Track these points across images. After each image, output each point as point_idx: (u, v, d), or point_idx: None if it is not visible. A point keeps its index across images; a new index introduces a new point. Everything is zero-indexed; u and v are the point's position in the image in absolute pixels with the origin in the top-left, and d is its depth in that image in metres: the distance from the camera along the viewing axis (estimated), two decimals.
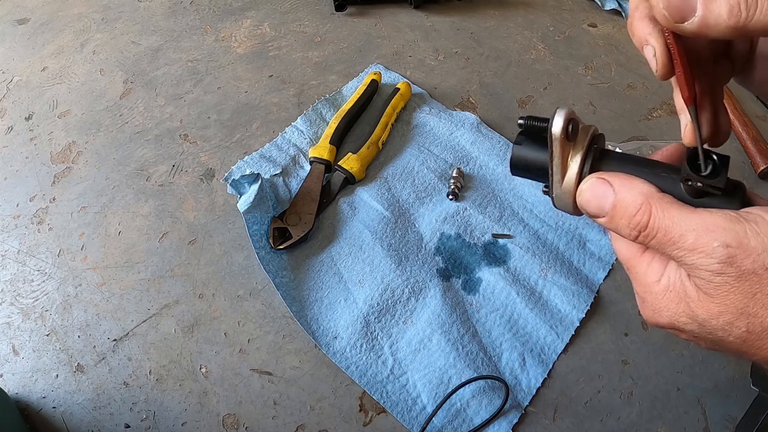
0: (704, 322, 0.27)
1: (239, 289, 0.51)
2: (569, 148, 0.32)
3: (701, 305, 0.27)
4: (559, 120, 0.30)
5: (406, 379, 0.46)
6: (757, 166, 0.58)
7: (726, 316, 0.26)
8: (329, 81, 0.69)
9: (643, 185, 0.29)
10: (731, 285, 0.26)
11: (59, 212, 0.57)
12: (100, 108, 0.67)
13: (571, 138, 0.31)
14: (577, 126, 0.32)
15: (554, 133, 0.31)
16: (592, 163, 0.32)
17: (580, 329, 0.48)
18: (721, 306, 0.26)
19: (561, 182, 0.33)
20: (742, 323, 0.26)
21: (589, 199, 0.31)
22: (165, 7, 0.79)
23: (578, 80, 0.69)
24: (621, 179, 0.30)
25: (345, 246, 0.53)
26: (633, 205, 0.29)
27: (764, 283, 0.25)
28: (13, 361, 0.48)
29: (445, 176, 0.58)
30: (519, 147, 0.35)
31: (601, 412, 0.45)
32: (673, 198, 0.28)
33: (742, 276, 0.25)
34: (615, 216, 0.30)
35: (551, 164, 0.32)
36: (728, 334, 0.27)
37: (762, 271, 0.25)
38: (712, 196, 0.28)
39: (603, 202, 0.30)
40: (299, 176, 0.59)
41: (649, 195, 0.28)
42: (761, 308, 0.25)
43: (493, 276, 0.51)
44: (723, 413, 0.44)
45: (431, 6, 0.78)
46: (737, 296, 0.26)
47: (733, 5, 0.24)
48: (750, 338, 0.26)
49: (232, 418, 0.45)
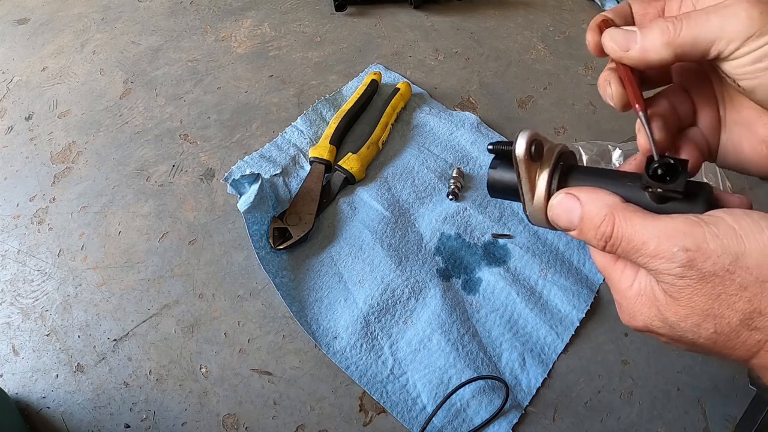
0: (674, 324, 0.28)
1: (239, 289, 0.51)
2: (536, 168, 0.33)
3: (669, 308, 0.28)
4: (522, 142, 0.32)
5: (406, 379, 0.46)
6: None
7: (693, 318, 0.27)
8: (329, 81, 0.69)
9: (607, 197, 0.30)
10: (694, 288, 0.26)
11: (59, 212, 0.57)
12: (100, 108, 0.67)
13: (536, 158, 0.33)
14: (541, 146, 0.33)
15: (518, 155, 0.32)
16: (560, 179, 0.33)
17: (580, 329, 0.48)
18: (687, 309, 0.27)
19: (532, 200, 0.34)
20: (709, 324, 0.27)
21: (559, 213, 0.32)
22: (165, 7, 0.79)
23: (578, 80, 0.69)
24: (587, 192, 0.31)
25: (345, 246, 0.53)
26: (598, 216, 0.30)
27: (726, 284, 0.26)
28: (13, 361, 0.48)
29: (445, 176, 0.58)
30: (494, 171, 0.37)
31: (601, 412, 0.45)
32: (636, 207, 0.29)
33: (703, 278, 0.26)
34: (583, 228, 0.31)
35: (520, 184, 0.34)
36: (698, 336, 0.27)
37: (723, 273, 0.25)
38: (676, 201, 0.29)
39: (572, 215, 0.31)
40: (299, 176, 0.59)
41: (613, 206, 0.30)
42: (726, 309, 0.26)
43: (493, 276, 0.51)
44: (723, 413, 0.44)
45: (431, 6, 0.78)
46: (701, 298, 0.26)
47: (662, 27, 0.29)
48: (719, 339, 0.27)
49: (232, 418, 0.45)
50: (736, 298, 0.26)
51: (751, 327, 0.26)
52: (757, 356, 0.26)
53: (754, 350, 0.26)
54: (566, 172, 0.34)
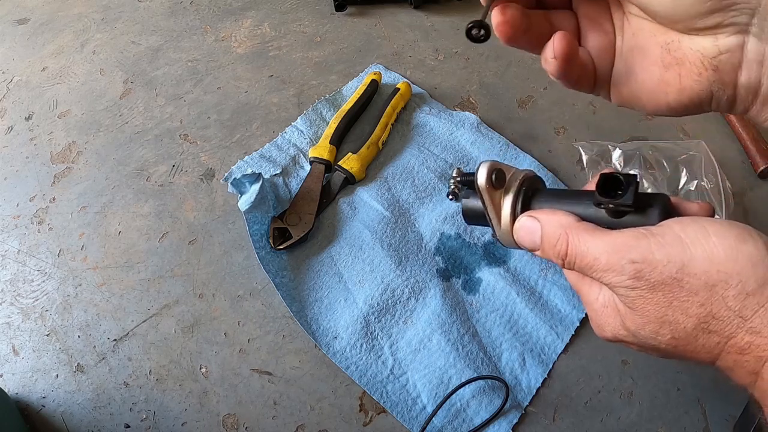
0: (635, 332, 0.29)
1: (239, 289, 0.51)
2: (499, 195, 0.36)
3: (628, 318, 0.29)
4: (483, 172, 0.34)
5: (406, 379, 0.46)
6: (757, 165, 0.58)
7: (650, 326, 0.28)
8: (329, 81, 0.69)
9: (563, 217, 0.32)
10: (646, 297, 0.27)
11: (59, 212, 0.57)
12: (100, 108, 0.67)
13: (497, 186, 0.35)
14: (502, 174, 0.35)
15: (480, 185, 0.35)
16: (523, 203, 0.35)
17: (580, 329, 0.48)
18: (643, 317, 0.28)
19: (499, 225, 0.36)
20: (666, 330, 0.27)
21: (523, 235, 0.34)
22: (165, 7, 0.79)
23: None
24: (545, 214, 0.33)
25: (345, 246, 0.53)
26: (554, 236, 0.32)
27: (676, 291, 0.26)
28: (13, 361, 0.48)
29: (445, 176, 0.58)
30: (467, 200, 0.40)
31: (601, 412, 0.45)
32: (588, 225, 0.31)
33: (653, 287, 0.27)
34: (544, 248, 0.33)
35: (486, 211, 0.36)
36: (658, 342, 0.28)
37: (671, 281, 0.26)
38: (631, 214, 0.31)
39: (534, 236, 0.33)
40: (299, 176, 0.59)
41: (567, 225, 0.31)
42: (680, 314, 0.27)
43: (493, 276, 0.51)
44: (723, 413, 0.44)
45: (431, 6, 0.78)
46: (654, 306, 0.27)
47: None
48: (679, 344, 0.28)
49: (232, 418, 0.45)
50: (688, 304, 0.26)
51: (707, 330, 0.26)
52: (720, 358, 0.27)
53: (715, 352, 0.27)
54: (529, 196, 0.36)
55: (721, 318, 0.25)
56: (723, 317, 0.25)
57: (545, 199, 0.35)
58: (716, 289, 0.25)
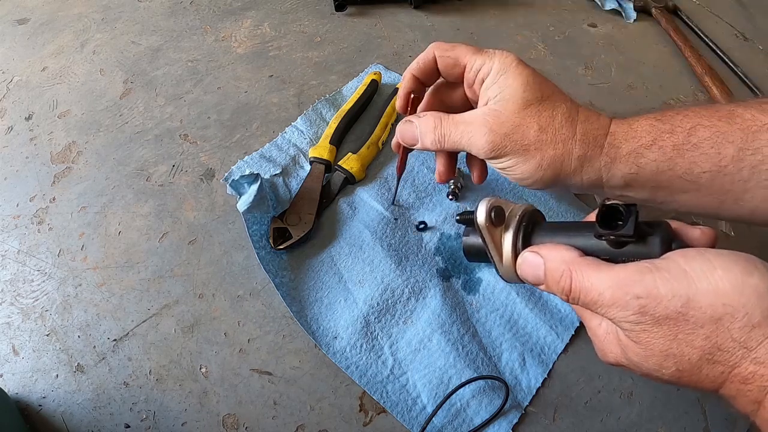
0: (638, 364, 0.30)
1: (239, 289, 0.51)
2: (499, 232, 0.36)
3: (631, 350, 0.29)
4: (482, 211, 0.34)
5: (406, 379, 0.46)
6: None
7: (654, 359, 0.28)
8: (329, 81, 0.69)
9: (565, 252, 0.32)
10: (651, 332, 0.28)
11: (59, 212, 0.57)
12: (100, 108, 0.67)
13: (497, 223, 0.35)
14: (501, 211, 0.36)
15: (480, 224, 0.35)
16: (524, 238, 0.36)
17: (580, 329, 0.48)
18: (647, 351, 0.28)
19: (501, 261, 0.36)
20: (670, 363, 0.28)
21: (526, 270, 0.35)
22: (165, 7, 0.80)
23: (578, 80, 0.69)
24: (548, 249, 0.33)
25: (345, 246, 0.53)
26: (557, 271, 0.32)
27: (681, 325, 0.27)
28: (13, 361, 0.48)
29: None
30: (467, 238, 0.41)
31: (601, 412, 0.45)
32: (592, 260, 0.31)
33: (658, 322, 0.27)
34: (548, 283, 0.33)
35: (487, 248, 0.36)
36: (661, 375, 0.29)
37: (675, 315, 0.27)
38: (632, 244, 0.31)
39: (537, 271, 0.34)
40: (299, 176, 0.59)
41: (570, 261, 0.32)
42: (686, 347, 0.27)
43: (493, 276, 0.51)
44: (723, 413, 0.44)
45: (431, 6, 0.78)
46: (659, 341, 0.28)
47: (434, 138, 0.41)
48: (683, 375, 0.28)
49: (232, 418, 0.45)
50: (693, 337, 0.26)
51: (712, 361, 0.26)
52: (723, 387, 0.27)
53: (719, 381, 0.27)
54: (530, 231, 0.36)
55: (726, 349, 0.26)
56: (728, 348, 0.26)
57: (546, 233, 0.36)
58: (722, 322, 0.25)
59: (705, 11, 0.80)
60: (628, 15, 0.78)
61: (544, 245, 0.34)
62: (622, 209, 0.30)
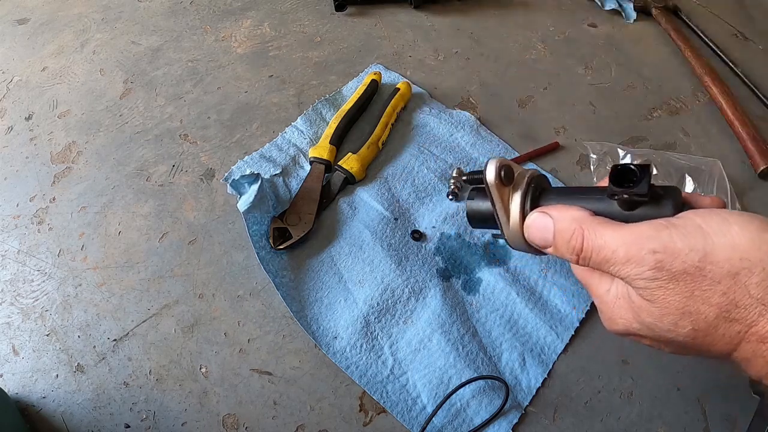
0: (651, 325, 0.29)
1: (239, 289, 0.51)
2: (507, 192, 0.35)
3: (645, 310, 0.28)
4: (492, 168, 0.33)
5: (406, 379, 0.46)
6: (757, 165, 0.58)
7: (669, 318, 0.27)
8: (329, 81, 0.69)
9: (576, 212, 0.31)
10: (667, 288, 0.27)
11: (59, 212, 0.57)
12: (100, 108, 0.67)
13: (506, 182, 0.34)
14: (511, 171, 0.34)
15: (489, 181, 0.34)
16: (532, 201, 0.34)
17: (580, 329, 0.48)
18: (662, 309, 0.27)
19: (508, 223, 0.35)
20: (686, 322, 0.27)
21: (534, 232, 0.33)
22: (165, 7, 0.79)
23: (578, 80, 0.69)
24: (557, 209, 0.32)
25: (345, 246, 0.53)
26: (568, 230, 0.31)
27: (698, 281, 0.26)
28: (13, 361, 0.48)
29: (445, 176, 0.58)
30: (471, 201, 0.39)
31: (601, 412, 0.45)
32: (604, 219, 0.30)
33: (675, 277, 0.26)
34: (557, 244, 0.32)
35: (495, 209, 0.35)
36: (676, 335, 0.28)
37: (693, 270, 0.26)
38: (644, 205, 0.30)
39: (546, 233, 0.33)
40: (299, 176, 0.59)
41: (581, 219, 0.31)
42: (702, 304, 0.26)
43: (493, 276, 0.51)
44: (723, 413, 0.44)
45: (431, 6, 0.78)
46: (675, 297, 0.27)
47: None
48: (698, 335, 0.27)
49: (232, 418, 0.45)
50: (710, 293, 0.26)
51: (729, 319, 0.26)
52: (738, 348, 0.26)
53: (734, 342, 0.26)
54: (538, 193, 0.35)
55: (743, 306, 0.25)
56: (745, 305, 0.25)
57: (554, 196, 0.35)
58: (739, 277, 0.25)
59: (705, 11, 0.80)
60: (628, 15, 0.78)
61: (553, 206, 0.33)
62: (636, 169, 0.30)
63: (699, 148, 0.62)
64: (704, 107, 0.66)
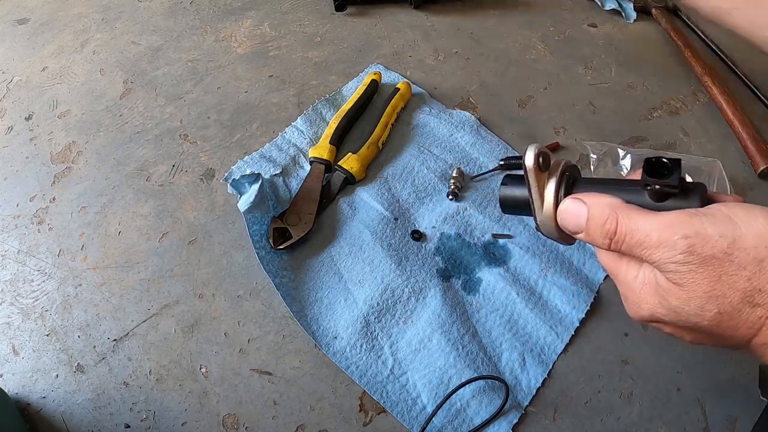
0: (677, 308, 0.30)
1: (239, 289, 0.51)
2: (543, 178, 0.36)
3: (673, 294, 0.30)
4: (531, 154, 0.34)
5: (406, 379, 0.46)
6: (757, 165, 0.58)
7: (696, 301, 0.29)
8: (329, 81, 0.69)
9: (609, 198, 0.33)
10: (696, 272, 0.28)
11: (59, 212, 0.57)
12: (100, 108, 0.67)
13: (544, 168, 0.35)
14: (548, 158, 0.35)
15: (528, 165, 0.35)
16: (566, 188, 0.36)
17: (580, 329, 0.48)
18: (690, 292, 0.29)
19: (541, 208, 0.36)
20: (712, 305, 0.28)
21: (567, 217, 0.35)
22: (165, 7, 0.80)
23: (578, 80, 0.69)
24: (591, 196, 0.34)
25: (345, 246, 0.53)
26: (602, 216, 0.32)
27: (726, 266, 0.28)
28: (13, 361, 0.48)
29: (445, 176, 0.58)
30: (505, 187, 0.39)
31: (601, 412, 0.45)
32: (637, 206, 0.32)
33: (704, 261, 0.28)
34: (590, 229, 0.33)
35: (530, 194, 0.36)
36: (702, 318, 0.29)
37: (721, 255, 0.28)
38: (673, 198, 0.32)
39: (579, 218, 0.34)
40: (299, 176, 0.59)
41: (615, 205, 0.32)
42: (728, 289, 0.28)
43: (493, 276, 0.51)
44: (723, 413, 0.44)
45: (431, 6, 0.78)
46: (704, 281, 0.28)
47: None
48: (723, 319, 0.29)
49: (232, 418, 0.45)
50: (736, 278, 0.27)
51: (753, 304, 0.27)
52: (760, 333, 0.28)
53: (756, 327, 0.28)
54: (571, 182, 0.36)
55: (766, 291, 0.27)
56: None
57: (587, 184, 0.36)
58: (764, 263, 0.27)
59: None
60: (628, 15, 0.78)
61: (586, 194, 0.35)
62: (668, 162, 0.31)
63: (699, 148, 0.62)
64: (704, 107, 0.66)
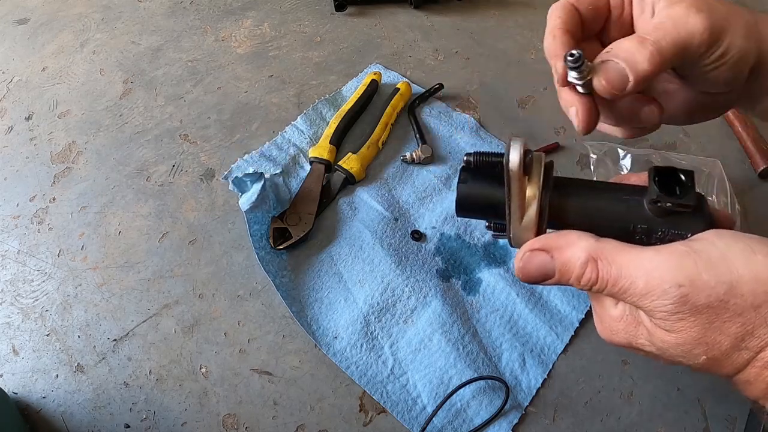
0: (662, 349, 0.28)
1: (239, 289, 0.51)
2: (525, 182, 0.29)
3: (658, 337, 0.28)
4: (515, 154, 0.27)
5: (406, 379, 0.46)
6: (757, 165, 0.58)
7: (685, 347, 0.27)
8: (329, 81, 0.69)
9: (581, 241, 0.29)
10: (688, 321, 0.26)
11: (59, 212, 0.57)
12: (100, 108, 0.67)
13: (528, 171, 0.29)
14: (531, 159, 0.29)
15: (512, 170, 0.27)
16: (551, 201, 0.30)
17: (580, 329, 0.48)
18: (678, 338, 0.27)
19: (519, 222, 0.30)
20: (700, 351, 0.26)
21: (530, 271, 0.30)
22: (165, 7, 0.79)
23: None
24: (557, 243, 0.29)
25: (345, 246, 0.53)
26: (578, 264, 0.29)
27: (720, 312, 0.25)
28: (13, 361, 0.48)
29: (445, 177, 0.58)
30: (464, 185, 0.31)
31: (601, 412, 0.45)
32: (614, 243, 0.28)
33: (697, 311, 0.26)
34: (562, 278, 0.30)
35: (508, 203, 0.29)
36: (687, 360, 0.27)
37: (717, 303, 0.25)
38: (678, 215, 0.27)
39: (545, 271, 0.30)
40: (299, 176, 0.59)
41: (591, 249, 0.28)
42: (718, 335, 0.26)
43: (493, 276, 0.51)
44: (723, 413, 0.44)
45: (431, 6, 0.78)
46: (695, 329, 0.26)
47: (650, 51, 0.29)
48: (710, 363, 0.27)
49: (232, 418, 0.45)
50: (729, 324, 0.25)
51: (741, 348, 0.26)
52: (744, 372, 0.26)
53: (741, 367, 0.26)
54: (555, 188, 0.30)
55: (757, 335, 0.25)
56: (759, 335, 0.25)
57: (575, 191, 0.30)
58: (761, 309, 0.25)
59: None
60: None
61: (549, 237, 0.30)
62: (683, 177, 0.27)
63: (699, 148, 0.62)
64: None
